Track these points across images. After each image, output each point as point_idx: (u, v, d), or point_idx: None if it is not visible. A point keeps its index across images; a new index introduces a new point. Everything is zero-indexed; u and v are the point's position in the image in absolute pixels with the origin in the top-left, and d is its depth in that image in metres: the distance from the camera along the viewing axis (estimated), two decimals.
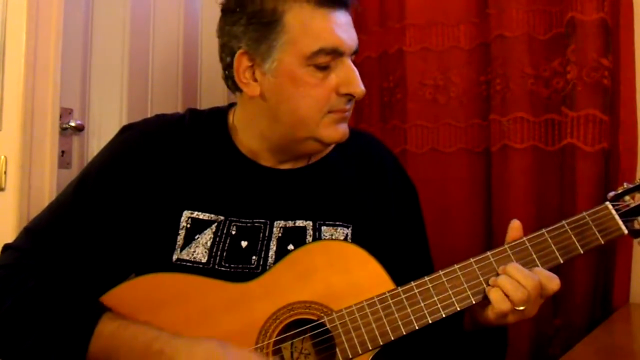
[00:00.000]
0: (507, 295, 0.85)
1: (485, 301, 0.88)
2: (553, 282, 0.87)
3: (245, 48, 0.95)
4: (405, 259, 1.05)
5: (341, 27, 0.94)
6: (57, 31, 1.32)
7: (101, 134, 1.52)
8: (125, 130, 1.03)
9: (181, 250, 0.95)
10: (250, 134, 1.02)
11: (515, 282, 0.85)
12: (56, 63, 1.32)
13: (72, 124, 1.44)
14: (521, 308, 0.85)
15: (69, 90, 1.44)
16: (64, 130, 1.42)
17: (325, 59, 0.93)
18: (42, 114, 1.29)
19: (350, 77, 0.95)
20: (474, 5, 1.53)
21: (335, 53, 0.93)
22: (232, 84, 1.00)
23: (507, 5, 1.44)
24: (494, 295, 0.86)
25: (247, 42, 0.95)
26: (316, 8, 0.93)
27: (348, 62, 0.95)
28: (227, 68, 0.99)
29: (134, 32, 1.60)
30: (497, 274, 0.88)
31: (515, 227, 0.93)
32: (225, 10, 0.98)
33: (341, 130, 0.98)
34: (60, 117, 1.38)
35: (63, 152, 1.43)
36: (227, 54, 0.98)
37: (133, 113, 1.57)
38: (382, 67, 1.65)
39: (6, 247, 0.95)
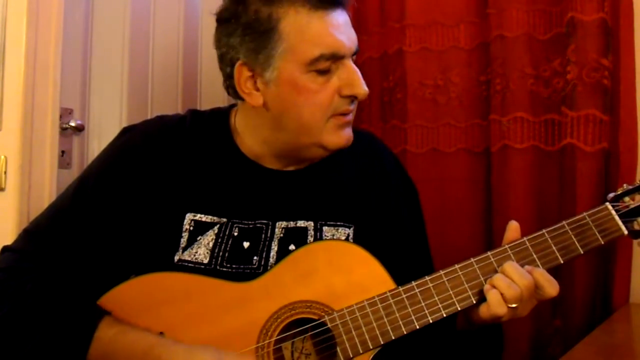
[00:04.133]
0: (501, 294, 0.85)
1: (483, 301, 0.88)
2: (552, 287, 0.87)
3: (244, 59, 0.93)
4: (406, 259, 1.04)
5: (339, 29, 0.92)
6: (57, 31, 1.32)
7: (101, 134, 1.52)
8: (126, 132, 1.02)
9: (183, 252, 0.95)
10: (253, 140, 1.01)
11: (509, 280, 0.85)
12: (56, 63, 1.32)
13: (72, 124, 1.44)
14: (513, 306, 0.85)
15: (69, 90, 1.44)
16: (64, 130, 1.43)
17: (325, 64, 0.91)
18: (42, 114, 1.29)
19: (352, 79, 0.93)
20: (473, 5, 1.53)
21: (336, 57, 0.92)
22: (233, 93, 0.98)
23: (507, 5, 1.43)
24: (492, 297, 0.85)
25: (245, 52, 0.93)
26: (312, 11, 0.91)
27: (349, 63, 0.94)
28: (228, 78, 0.97)
29: (134, 32, 1.60)
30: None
31: (513, 227, 0.93)
32: (220, 21, 0.97)
33: (345, 136, 0.97)
34: (60, 117, 1.38)
35: (63, 152, 1.43)
36: (226, 64, 0.96)
37: (133, 113, 1.57)
38: (382, 67, 1.65)
39: (5, 249, 0.95)
